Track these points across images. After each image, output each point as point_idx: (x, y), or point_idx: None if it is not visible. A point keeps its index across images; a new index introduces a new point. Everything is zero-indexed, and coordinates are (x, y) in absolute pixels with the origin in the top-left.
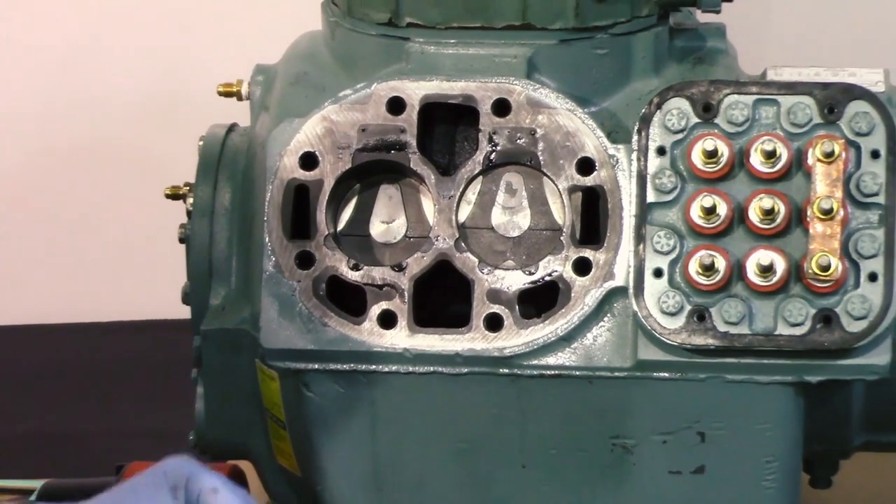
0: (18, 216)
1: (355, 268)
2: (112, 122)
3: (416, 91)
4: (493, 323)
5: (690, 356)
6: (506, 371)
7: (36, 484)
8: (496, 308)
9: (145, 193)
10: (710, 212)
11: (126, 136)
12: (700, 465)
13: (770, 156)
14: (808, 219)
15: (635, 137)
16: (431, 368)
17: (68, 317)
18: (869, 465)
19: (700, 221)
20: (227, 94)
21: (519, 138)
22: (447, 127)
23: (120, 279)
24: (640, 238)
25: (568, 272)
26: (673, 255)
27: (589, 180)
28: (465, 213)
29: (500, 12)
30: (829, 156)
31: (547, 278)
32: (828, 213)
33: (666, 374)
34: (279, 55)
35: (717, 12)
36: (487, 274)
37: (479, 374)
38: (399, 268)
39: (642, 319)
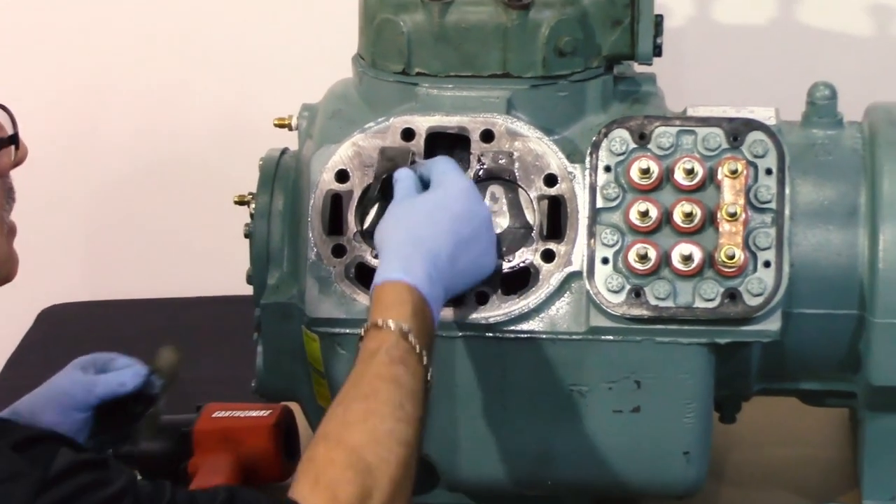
0: (119, 217)
1: (377, 256)
2: (196, 146)
3: (423, 123)
4: (481, 298)
5: (629, 323)
6: (490, 335)
7: None
8: (483, 287)
9: (222, 200)
10: (644, 215)
11: (205, 157)
12: (637, 406)
13: (690, 172)
14: (719, 220)
15: (588, 158)
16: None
17: (165, 293)
18: (764, 406)
19: (637, 222)
20: (281, 126)
21: (500, 159)
22: (446, 150)
23: (197, 265)
24: (591, 234)
25: (537, 260)
26: (616, 248)
27: (553, 191)
28: None
29: (486, 64)
30: (734, 173)
31: (521, 265)
32: (733, 216)
33: (611, 337)
34: (320, 96)
35: (650, 65)
36: None
37: (470, 337)
38: None
39: (593, 296)
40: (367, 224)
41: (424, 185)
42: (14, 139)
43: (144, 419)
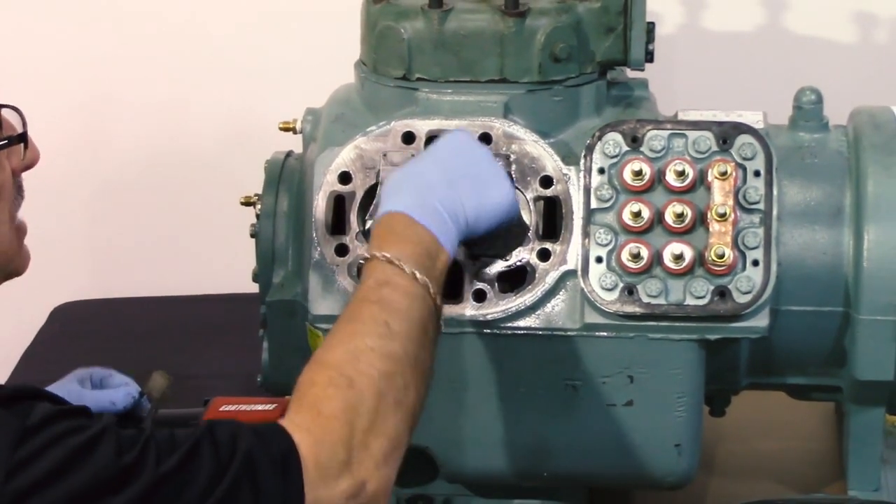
0: (130, 217)
1: None
2: (203, 149)
3: (423, 127)
4: (480, 296)
5: (622, 320)
6: (488, 331)
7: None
8: (481, 285)
9: (229, 201)
10: (636, 215)
11: (212, 160)
12: (629, 400)
13: (681, 174)
14: (709, 220)
15: (582, 161)
16: None
17: (174, 291)
18: (752, 400)
19: (629, 222)
20: (286, 129)
21: (498, 161)
22: None
23: (205, 263)
24: (586, 234)
25: (534, 259)
26: (610, 247)
27: (549, 192)
28: None
29: (484, 70)
30: (723, 174)
31: (518, 263)
32: (723, 216)
33: (605, 333)
34: (324, 101)
35: (642, 70)
36: (475, 260)
37: (468, 333)
38: None
39: (587, 293)
40: (368, 224)
41: None
42: (23, 138)
43: None
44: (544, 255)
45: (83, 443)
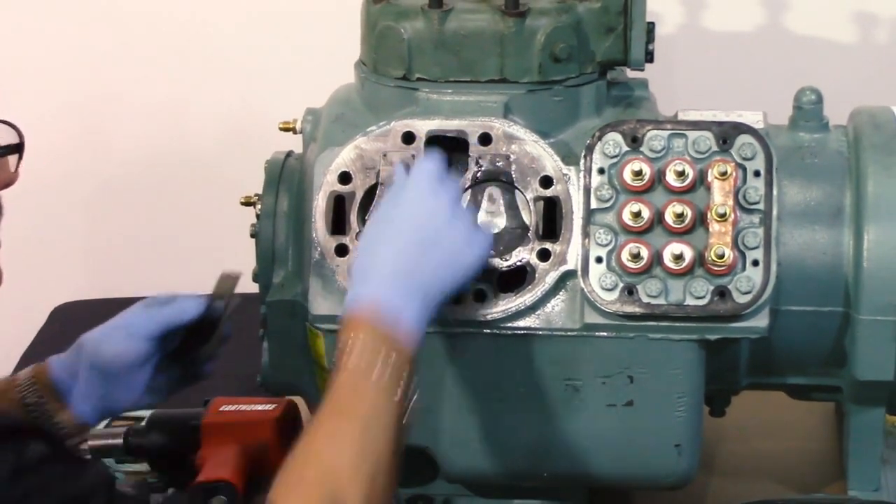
0: (131, 218)
1: None
2: (203, 149)
3: (423, 127)
4: (479, 296)
5: (622, 320)
6: (488, 331)
7: (146, 413)
8: (481, 285)
9: (229, 201)
10: (636, 215)
11: (212, 160)
12: (630, 400)
13: (680, 174)
14: (709, 220)
15: (582, 161)
16: (434, 329)
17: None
18: (752, 400)
19: (629, 222)
20: (286, 129)
21: (498, 162)
22: (445, 153)
23: (205, 264)
24: (586, 234)
25: (534, 259)
26: (610, 247)
27: (549, 192)
28: None
29: (484, 70)
30: (723, 174)
31: (518, 263)
32: (723, 217)
33: (605, 334)
34: (324, 101)
35: (642, 70)
36: None
37: (468, 333)
38: None
39: (587, 294)
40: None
41: None
42: (18, 149)
43: (210, 341)
44: (544, 255)
45: (76, 496)
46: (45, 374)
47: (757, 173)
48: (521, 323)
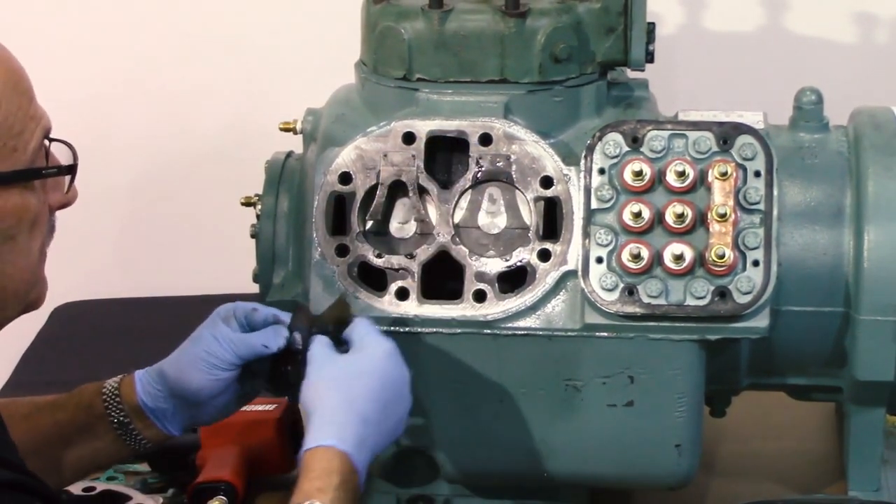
0: (130, 217)
1: (379, 256)
2: (203, 149)
3: (423, 127)
4: (479, 296)
5: (623, 320)
6: (488, 332)
7: None
8: (482, 285)
9: (229, 201)
10: (637, 215)
11: (213, 160)
12: (630, 400)
13: (681, 175)
14: (709, 221)
15: (583, 161)
16: (434, 329)
17: (174, 291)
18: (752, 400)
19: (630, 222)
20: (286, 130)
21: (498, 162)
22: (446, 153)
23: (205, 264)
24: (586, 234)
25: (534, 259)
26: (610, 247)
27: (549, 192)
28: (459, 216)
29: (485, 70)
30: (723, 175)
31: (518, 264)
32: (723, 217)
33: (605, 334)
34: (324, 101)
35: (642, 70)
36: (475, 261)
37: (469, 334)
38: (411, 256)
39: (588, 294)
40: (369, 225)
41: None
42: (72, 170)
43: (288, 375)
44: (544, 255)
45: None
46: (132, 395)
47: (757, 174)
48: (522, 323)
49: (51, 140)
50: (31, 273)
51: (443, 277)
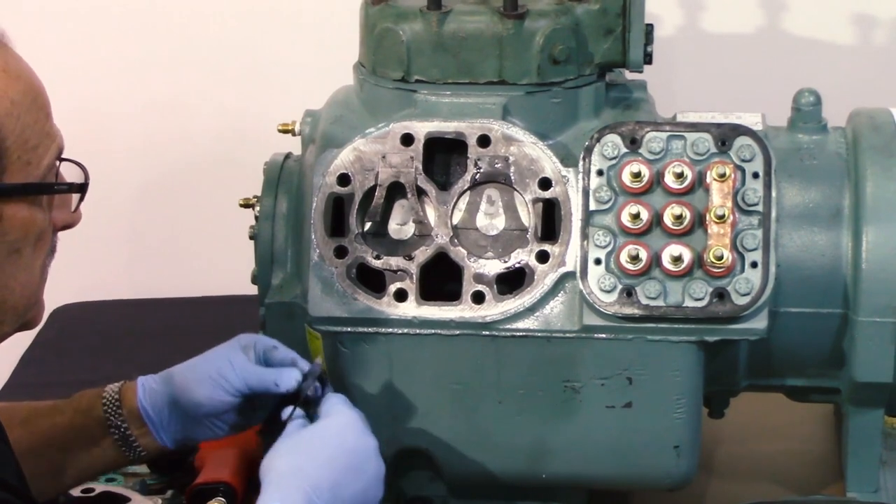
0: (129, 219)
1: (377, 257)
2: (202, 151)
3: (421, 129)
4: (478, 298)
5: (621, 322)
6: (487, 333)
7: None
8: (480, 287)
9: (228, 203)
10: (635, 217)
11: (211, 162)
12: (628, 402)
13: (679, 176)
14: (707, 222)
15: (581, 163)
16: (433, 331)
17: (173, 293)
18: (751, 402)
19: (628, 224)
20: (285, 131)
21: (496, 163)
22: (444, 155)
23: (204, 265)
24: (584, 236)
25: (532, 261)
26: (609, 249)
27: (547, 194)
28: (457, 217)
29: (483, 72)
30: (722, 176)
31: (517, 265)
32: (721, 218)
33: (604, 335)
34: (322, 103)
35: (641, 72)
36: (473, 262)
37: (467, 335)
38: (409, 257)
39: (586, 295)
40: (367, 227)
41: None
42: (82, 189)
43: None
44: (543, 256)
45: None
46: (132, 400)
47: (756, 175)
48: (520, 325)
49: (63, 160)
50: (32, 291)
51: (441, 279)
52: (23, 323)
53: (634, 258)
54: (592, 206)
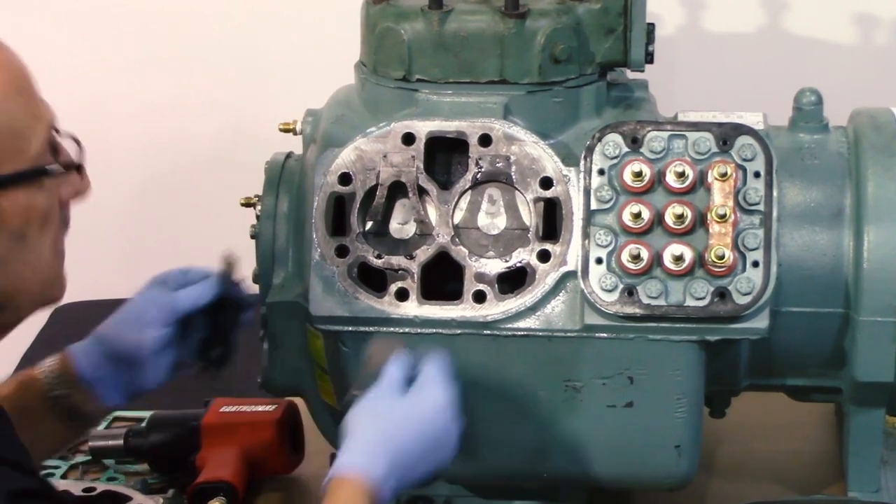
0: (131, 218)
1: (379, 257)
2: (203, 151)
3: (423, 128)
4: (479, 297)
5: (623, 321)
6: (488, 332)
7: (146, 414)
8: (481, 286)
9: (229, 202)
10: (636, 216)
11: (213, 161)
12: (630, 401)
13: (681, 175)
14: (709, 221)
15: (582, 162)
16: (434, 330)
17: None
18: (752, 401)
19: (629, 223)
20: (286, 131)
21: (498, 162)
22: (445, 154)
23: (205, 264)
24: (586, 235)
25: (534, 260)
26: (610, 248)
27: (549, 193)
28: (458, 216)
29: (484, 71)
30: (723, 175)
31: (518, 264)
32: (723, 218)
33: (605, 335)
34: (324, 102)
35: (642, 71)
36: (475, 261)
37: (468, 335)
38: (410, 257)
39: (587, 295)
40: (368, 226)
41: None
42: (79, 168)
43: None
44: (544, 256)
45: None
46: (70, 368)
47: (757, 174)
48: (521, 324)
49: (57, 131)
50: (46, 271)
51: (442, 278)
52: (43, 302)
53: (636, 257)
54: (594, 206)
